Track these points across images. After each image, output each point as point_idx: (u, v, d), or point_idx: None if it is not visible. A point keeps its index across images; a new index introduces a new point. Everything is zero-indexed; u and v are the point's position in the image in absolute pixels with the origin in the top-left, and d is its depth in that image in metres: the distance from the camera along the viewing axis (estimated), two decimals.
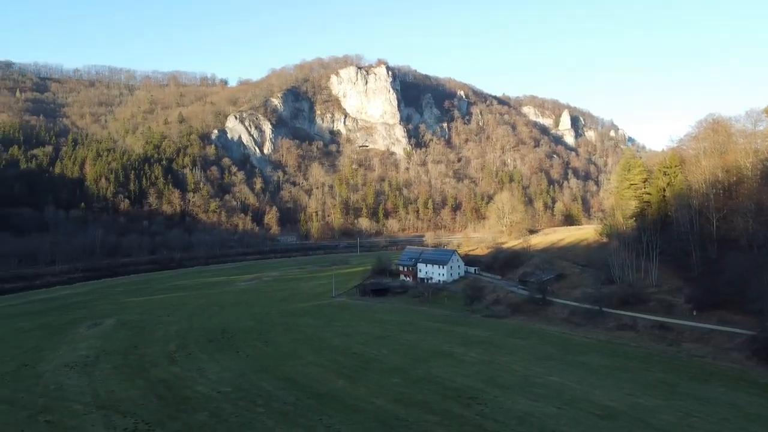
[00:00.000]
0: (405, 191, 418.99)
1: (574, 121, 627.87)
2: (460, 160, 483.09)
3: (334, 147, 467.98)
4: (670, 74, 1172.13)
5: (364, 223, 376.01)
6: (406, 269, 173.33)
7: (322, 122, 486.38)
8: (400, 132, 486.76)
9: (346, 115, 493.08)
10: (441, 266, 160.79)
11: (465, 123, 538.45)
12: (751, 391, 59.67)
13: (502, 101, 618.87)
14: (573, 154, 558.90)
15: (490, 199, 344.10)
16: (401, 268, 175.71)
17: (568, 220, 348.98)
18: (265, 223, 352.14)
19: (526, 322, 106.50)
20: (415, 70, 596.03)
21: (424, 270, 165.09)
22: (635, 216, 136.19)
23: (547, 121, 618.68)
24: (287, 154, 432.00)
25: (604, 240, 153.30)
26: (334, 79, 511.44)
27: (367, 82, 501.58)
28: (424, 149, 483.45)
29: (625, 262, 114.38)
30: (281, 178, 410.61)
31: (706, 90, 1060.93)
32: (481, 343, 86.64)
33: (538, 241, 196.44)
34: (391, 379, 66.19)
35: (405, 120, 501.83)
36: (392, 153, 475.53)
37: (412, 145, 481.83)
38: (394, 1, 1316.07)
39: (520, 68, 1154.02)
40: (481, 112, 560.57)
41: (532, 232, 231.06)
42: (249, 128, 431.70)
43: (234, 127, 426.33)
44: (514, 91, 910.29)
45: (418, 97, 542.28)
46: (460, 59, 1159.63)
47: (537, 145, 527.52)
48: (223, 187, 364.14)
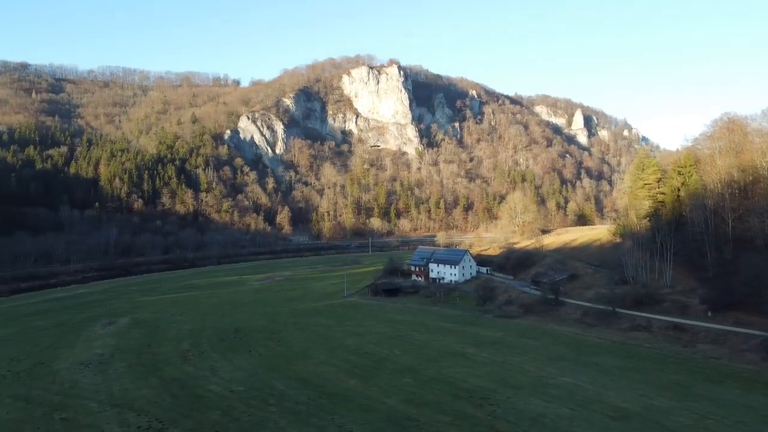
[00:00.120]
0: (417, 191, 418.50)
1: (587, 121, 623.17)
2: (472, 160, 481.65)
3: (345, 147, 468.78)
4: (685, 73, 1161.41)
5: (376, 223, 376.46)
6: (417, 269, 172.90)
7: (334, 122, 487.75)
8: (411, 132, 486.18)
9: (358, 115, 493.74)
10: (453, 266, 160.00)
11: (477, 122, 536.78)
12: (767, 393, 58.91)
13: (515, 101, 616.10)
14: (586, 153, 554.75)
15: (502, 199, 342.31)
16: (413, 268, 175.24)
17: (581, 220, 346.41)
18: (277, 222, 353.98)
19: (539, 322, 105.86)
20: (427, 70, 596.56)
21: (436, 270, 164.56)
22: (649, 216, 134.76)
23: (560, 121, 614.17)
24: (299, 154, 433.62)
25: (618, 240, 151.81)
26: (345, 79, 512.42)
27: (378, 82, 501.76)
28: (435, 149, 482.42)
29: (638, 263, 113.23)
30: (293, 178, 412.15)
31: (722, 89, 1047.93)
32: (493, 344, 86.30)
33: (551, 241, 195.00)
34: (403, 379, 66.10)
35: (417, 120, 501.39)
36: (404, 153, 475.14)
37: (423, 144, 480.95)
38: (406, 0, 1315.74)
39: (532, 67, 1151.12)
40: (493, 112, 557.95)
41: (545, 232, 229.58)
42: (261, 128, 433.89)
43: (246, 128, 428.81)
44: (526, 91, 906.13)
45: (430, 96, 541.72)
46: (472, 59, 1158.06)
47: (549, 144, 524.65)
48: (236, 187, 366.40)
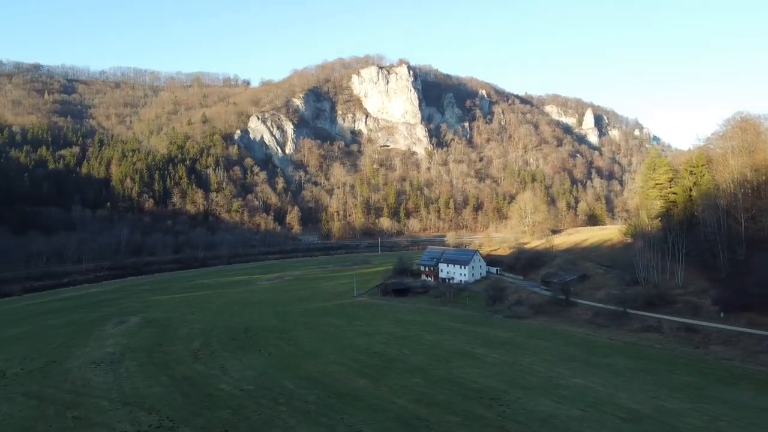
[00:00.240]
0: (426, 191, 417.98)
1: (598, 120, 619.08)
2: (481, 160, 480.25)
3: (355, 147, 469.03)
4: (697, 71, 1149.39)
5: (385, 222, 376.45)
6: (427, 269, 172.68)
7: (344, 122, 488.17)
8: (421, 131, 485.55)
9: (368, 115, 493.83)
10: (462, 266, 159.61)
11: (487, 122, 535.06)
12: None
13: (525, 100, 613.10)
14: (596, 153, 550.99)
15: (512, 198, 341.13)
16: (422, 268, 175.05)
17: (592, 220, 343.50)
18: (287, 222, 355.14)
19: (549, 323, 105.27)
20: (437, 70, 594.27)
21: (446, 270, 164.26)
22: (660, 216, 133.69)
23: (570, 120, 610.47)
24: (309, 154, 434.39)
25: (629, 240, 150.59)
26: (355, 79, 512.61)
27: (388, 82, 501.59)
28: (445, 149, 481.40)
29: (650, 263, 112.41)
30: (303, 178, 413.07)
31: (735, 88, 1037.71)
32: (503, 344, 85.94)
33: (561, 241, 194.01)
34: (413, 379, 65.91)
35: (426, 119, 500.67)
36: (413, 153, 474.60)
37: (433, 144, 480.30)
38: (415, 0, 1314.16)
39: (542, 67, 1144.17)
40: (503, 112, 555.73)
41: (555, 232, 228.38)
42: (271, 128, 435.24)
43: (256, 128, 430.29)
44: (536, 90, 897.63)
45: (440, 96, 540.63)
46: (482, 58, 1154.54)
47: (560, 144, 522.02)
48: (246, 187, 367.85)
